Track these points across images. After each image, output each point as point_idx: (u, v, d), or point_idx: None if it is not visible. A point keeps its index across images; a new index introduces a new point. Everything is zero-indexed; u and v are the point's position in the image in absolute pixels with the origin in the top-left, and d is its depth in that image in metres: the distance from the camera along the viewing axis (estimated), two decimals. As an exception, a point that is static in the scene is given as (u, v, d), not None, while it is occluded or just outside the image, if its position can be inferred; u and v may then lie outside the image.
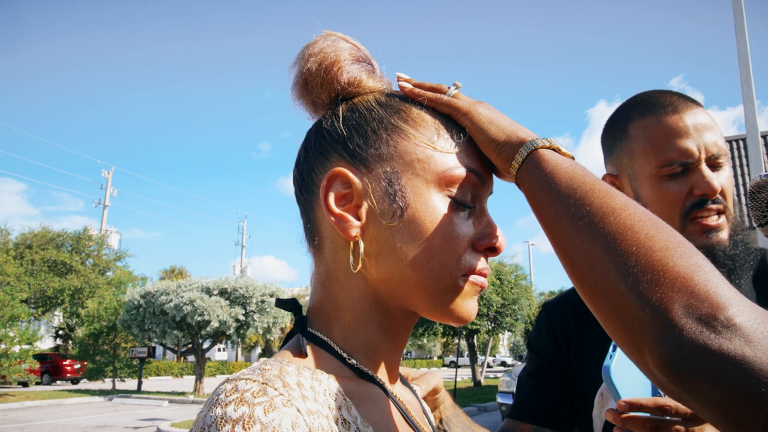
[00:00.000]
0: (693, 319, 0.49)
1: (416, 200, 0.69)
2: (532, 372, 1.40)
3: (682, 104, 1.19)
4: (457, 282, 0.69)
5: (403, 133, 0.71)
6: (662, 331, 0.50)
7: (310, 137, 0.77)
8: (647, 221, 0.58)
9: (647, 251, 0.55)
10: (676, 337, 0.49)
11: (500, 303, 22.62)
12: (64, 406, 19.13)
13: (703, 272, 0.52)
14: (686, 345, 0.49)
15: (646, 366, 0.53)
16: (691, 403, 0.51)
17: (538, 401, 1.35)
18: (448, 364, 61.48)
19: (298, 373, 0.62)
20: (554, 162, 0.67)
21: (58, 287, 31.24)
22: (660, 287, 0.52)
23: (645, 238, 0.56)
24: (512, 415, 1.36)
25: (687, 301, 0.50)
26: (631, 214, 0.59)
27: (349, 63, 0.76)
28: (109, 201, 46.29)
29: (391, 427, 0.68)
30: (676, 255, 0.54)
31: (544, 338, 1.41)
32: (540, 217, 0.67)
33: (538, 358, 1.40)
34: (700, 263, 0.53)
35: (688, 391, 0.49)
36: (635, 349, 0.54)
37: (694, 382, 0.49)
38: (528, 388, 1.39)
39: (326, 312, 0.73)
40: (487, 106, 0.75)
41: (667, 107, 1.19)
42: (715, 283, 0.51)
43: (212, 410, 0.54)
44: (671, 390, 0.52)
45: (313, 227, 0.75)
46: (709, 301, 0.50)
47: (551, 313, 1.42)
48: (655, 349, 0.51)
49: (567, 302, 1.41)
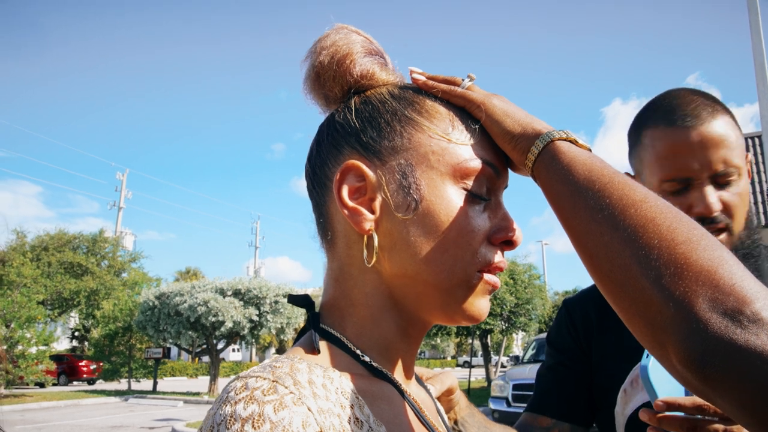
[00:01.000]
0: (718, 313, 0.48)
1: (431, 192, 0.68)
2: (551, 366, 1.40)
3: (695, 116, 1.16)
4: (471, 277, 0.68)
5: (417, 125, 0.70)
6: (686, 325, 0.49)
7: (323, 131, 0.76)
8: (669, 213, 0.56)
9: (670, 244, 0.53)
10: (701, 332, 0.48)
11: (514, 302, 22.55)
12: (80, 406, 19.31)
13: (728, 265, 0.51)
14: (711, 340, 0.47)
15: (669, 362, 0.52)
16: (716, 400, 0.49)
17: (557, 395, 1.34)
18: (461, 364, 61.32)
19: (310, 370, 0.61)
20: (571, 154, 0.66)
21: (74, 289, 31.49)
22: (683, 281, 0.51)
23: (667, 230, 0.54)
24: (531, 409, 1.35)
25: (712, 295, 0.49)
26: (652, 206, 0.57)
27: (361, 56, 0.75)
28: (123, 203, 46.63)
29: (404, 427, 0.66)
30: (699, 248, 0.52)
31: (564, 334, 1.40)
32: (557, 210, 0.65)
33: (558, 353, 1.40)
34: (725, 256, 0.52)
35: (713, 387, 0.48)
36: (657, 344, 0.52)
37: (719, 378, 0.47)
38: (547, 382, 1.38)
39: (339, 308, 0.72)
40: (502, 98, 0.74)
41: (677, 119, 1.16)
42: (741, 276, 0.50)
43: (222, 408, 0.54)
44: (695, 386, 0.50)
45: (325, 222, 0.74)
46: (735, 294, 0.48)
47: (572, 309, 1.42)
48: (678, 344, 0.49)
49: (588, 299, 1.40)
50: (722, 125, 1.16)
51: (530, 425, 1.31)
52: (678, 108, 1.18)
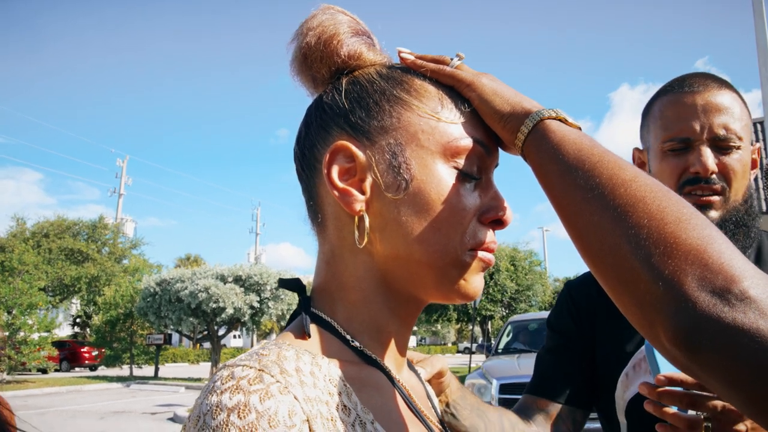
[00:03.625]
0: (707, 291, 0.48)
1: (422, 172, 0.67)
2: (551, 348, 1.40)
3: (703, 85, 1.21)
4: (463, 256, 0.67)
5: (406, 105, 0.69)
6: (675, 304, 0.49)
7: (311, 113, 0.75)
8: (658, 193, 0.56)
9: (659, 223, 0.53)
10: (690, 310, 0.48)
11: (514, 289, 22.65)
12: (82, 392, 19.45)
13: (717, 244, 0.51)
14: (700, 318, 0.47)
15: (657, 340, 0.52)
16: (704, 377, 0.49)
17: (557, 378, 1.34)
18: (462, 350, 61.64)
19: (297, 357, 0.60)
20: (561, 133, 0.65)
21: (75, 275, 31.61)
22: (673, 260, 0.51)
23: (657, 210, 0.54)
24: (530, 391, 1.35)
25: (701, 274, 0.49)
26: (642, 185, 0.57)
27: (348, 36, 0.74)
28: (124, 190, 46.68)
29: (392, 414, 0.66)
30: (689, 227, 0.52)
31: (565, 317, 1.40)
32: (547, 190, 0.65)
33: (558, 336, 1.40)
34: (714, 235, 0.52)
35: (701, 365, 0.48)
36: (647, 322, 0.52)
37: (707, 355, 0.47)
38: (547, 365, 1.38)
39: (330, 291, 0.71)
40: (491, 77, 0.73)
41: (686, 87, 1.21)
42: (729, 255, 0.50)
43: (208, 398, 0.54)
44: (684, 364, 0.50)
45: (315, 204, 0.73)
46: (723, 273, 0.48)
47: (574, 292, 1.42)
48: (667, 322, 0.49)
49: (591, 282, 1.40)
50: (728, 97, 1.20)
51: (529, 407, 1.30)
52: (688, 79, 1.24)
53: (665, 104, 1.24)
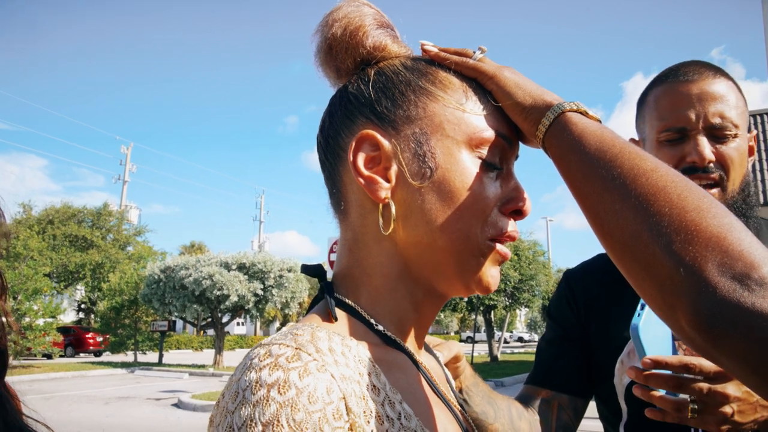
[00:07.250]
0: (727, 277, 0.50)
1: (446, 161, 0.69)
2: (551, 339, 1.41)
3: (698, 73, 1.20)
4: (484, 246, 0.69)
5: (432, 95, 0.71)
6: (696, 289, 0.51)
7: (335, 102, 0.76)
8: (678, 182, 0.58)
9: (680, 212, 0.55)
10: (710, 295, 0.50)
11: (518, 279, 22.65)
12: (87, 377, 19.56)
13: (736, 232, 0.53)
14: (720, 302, 0.49)
15: (677, 324, 0.53)
16: (723, 361, 0.51)
17: (556, 368, 1.36)
18: (465, 339, 61.64)
19: (329, 338, 0.62)
20: (582, 125, 0.67)
21: (79, 262, 31.73)
22: (694, 246, 0.52)
23: (677, 198, 0.56)
24: (531, 381, 1.37)
25: (721, 260, 0.51)
26: (663, 175, 0.59)
27: (374, 28, 0.75)
28: (128, 176, 46.73)
29: (418, 395, 0.68)
30: (709, 215, 0.54)
31: (564, 306, 1.41)
32: (568, 181, 0.67)
33: (557, 326, 1.41)
34: (733, 223, 0.54)
35: (721, 348, 0.50)
36: (667, 307, 0.54)
37: (726, 339, 0.49)
38: (547, 355, 1.40)
39: (353, 277, 0.73)
40: (513, 71, 0.74)
41: (681, 76, 1.21)
42: (749, 242, 0.52)
43: (246, 374, 0.55)
44: (703, 348, 0.52)
45: (339, 192, 0.75)
46: (743, 259, 0.50)
47: (573, 281, 1.43)
48: (688, 307, 0.51)
49: (589, 272, 1.41)
50: (723, 86, 1.20)
51: (531, 397, 1.32)
52: (682, 67, 1.24)
53: (660, 93, 1.23)
